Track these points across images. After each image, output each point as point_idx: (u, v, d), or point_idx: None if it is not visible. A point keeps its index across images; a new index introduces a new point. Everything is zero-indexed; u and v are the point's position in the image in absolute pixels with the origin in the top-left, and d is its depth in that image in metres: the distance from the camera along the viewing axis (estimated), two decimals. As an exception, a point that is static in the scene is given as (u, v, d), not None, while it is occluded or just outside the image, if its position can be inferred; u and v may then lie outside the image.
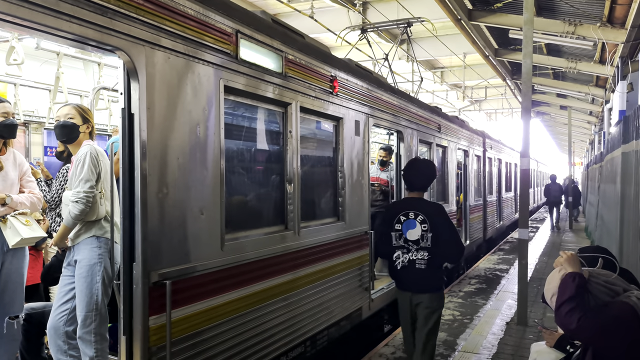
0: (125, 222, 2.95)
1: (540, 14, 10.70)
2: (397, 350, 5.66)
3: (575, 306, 2.30)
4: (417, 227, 4.01)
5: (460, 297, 8.13)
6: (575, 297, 2.32)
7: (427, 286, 4.01)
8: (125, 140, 2.92)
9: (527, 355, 3.36)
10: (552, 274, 2.60)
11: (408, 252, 4.02)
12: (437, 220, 4.01)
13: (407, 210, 4.08)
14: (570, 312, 2.31)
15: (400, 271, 4.08)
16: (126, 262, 2.96)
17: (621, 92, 11.26)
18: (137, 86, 2.91)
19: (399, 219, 4.08)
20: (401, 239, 4.06)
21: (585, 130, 28.43)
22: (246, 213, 4.16)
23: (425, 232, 3.98)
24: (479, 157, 12.71)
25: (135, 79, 2.91)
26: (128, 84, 2.93)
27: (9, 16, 2.31)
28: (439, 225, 3.99)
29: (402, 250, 4.05)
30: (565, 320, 2.33)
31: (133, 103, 2.92)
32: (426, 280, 4.00)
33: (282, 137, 4.44)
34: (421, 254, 3.97)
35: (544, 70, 16.27)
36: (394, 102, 6.77)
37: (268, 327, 4.05)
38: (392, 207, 4.80)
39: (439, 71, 21.43)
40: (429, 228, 3.98)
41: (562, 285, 2.41)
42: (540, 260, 11.65)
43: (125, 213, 2.95)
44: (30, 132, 8.24)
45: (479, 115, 30.40)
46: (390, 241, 4.10)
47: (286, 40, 4.35)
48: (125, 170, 2.93)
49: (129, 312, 2.96)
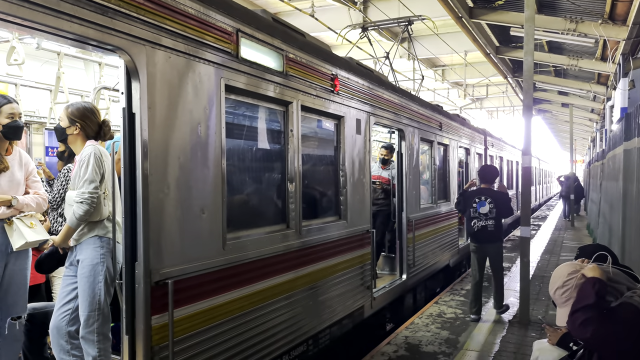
0: (127, 221, 2.95)
1: (541, 11, 10.67)
2: (400, 348, 5.66)
3: (591, 316, 2.23)
4: (486, 206, 6.62)
5: (462, 295, 8.12)
6: (592, 306, 2.25)
7: (494, 239, 6.73)
8: (126, 140, 2.92)
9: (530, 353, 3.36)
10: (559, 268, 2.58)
11: (480, 220, 6.63)
12: (499, 201, 6.66)
13: (480, 195, 6.75)
14: (585, 322, 2.24)
15: (476, 232, 6.69)
16: (128, 262, 2.96)
17: (623, 90, 11.23)
18: (138, 86, 2.91)
19: (474, 200, 6.71)
20: (476, 212, 6.65)
21: (587, 127, 28.36)
22: (248, 212, 4.16)
23: (492, 208, 6.60)
24: (480, 155, 12.70)
25: (136, 79, 2.90)
26: (129, 83, 2.93)
27: (10, 16, 2.30)
28: (500, 204, 6.64)
29: (477, 219, 6.66)
30: (579, 330, 2.27)
31: (134, 103, 2.92)
32: (493, 236, 6.68)
33: (283, 136, 4.43)
34: (490, 222, 6.59)
35: (545, 68, 16.24)
36: (395, 100, 6.76)
37: (270, 326, 4.05)
38: (471, 193, 6.99)
39: (440, 69, 21.40)
40: (494, 206, 6.61)
41: (580, 292, 2.34)
42: (542, 258, 11.63)
43: (127, 213, 2.95)
44: (32, 132, 8.24)
45: (481, 113, 30.36)
46: (469, 214, 6.71)
47: (287, 39, 4.34)
48: (126, 169, 2.93)
49: (131, 312, 2.96)
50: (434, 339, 5.97)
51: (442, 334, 6.18)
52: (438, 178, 8.85)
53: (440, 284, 9.59)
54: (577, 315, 2.28)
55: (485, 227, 6.60)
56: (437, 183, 8.71)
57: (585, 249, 2.94)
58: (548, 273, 9.84)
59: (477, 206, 6.64)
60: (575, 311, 2.30)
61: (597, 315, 2.23)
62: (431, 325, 6.52)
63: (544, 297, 7.78)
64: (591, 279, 2.34)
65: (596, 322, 2.22)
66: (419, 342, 5.88)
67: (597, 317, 2.23)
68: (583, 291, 2.33)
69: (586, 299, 2.28)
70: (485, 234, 6.62)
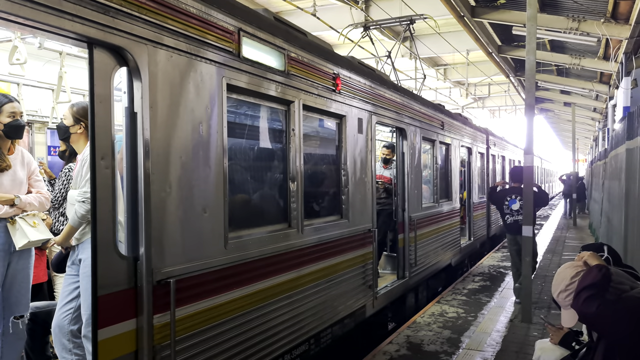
0: (129, 220, 2.95)
1: (543, 10, 10.66)
2: (401, 347, 5.66)
3: (595, 292, 2.26)
4: (517, 203, 7.58)
5: (464, 294, 8.12)
6: (597, 284, 2.28)
7: None
8: (128, 139, 2.92)
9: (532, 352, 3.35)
10: (561, 270, 2.58)
11: (512, 216, 7.67)
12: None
13: (511, 194, 7.76)
14: (589, 298, 2.27)
15: (509, 224, 7.73)
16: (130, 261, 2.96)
17: (625, 89, 11.22)
18: (139, 85, 2.91)
19: (506, 198, 7.76)
20: (508, 209, 7.71)
21: (589, 126, 28.32)
22: (249, 211, 4.16)
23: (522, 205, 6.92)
24: (482, 154, 12.68)
25: (137, 78, 2.90)
26: (130, 82, 2.93)
27: (12, 15, 2.31)
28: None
29: (509, 215, 7.72)
30: (584, 306, 2.29)
31: (136, 102, 2.92)
32: None
33: (285, 135, 4.43)
34: (521, 217, 7.17)
35: (547, 67, 16.22)
36: (397, 99, 6.76)
37: (272, 325, 4.05)
38: (503, 191, 7.97)
39: (442, 68, 21.39)
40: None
41: (586, 273, 2.37)
42: (544, 258, 11.61)
43: (129, 212, 2.95)
44: (34, 131, 8.25)
45: (483, 112, 30.33)
46: (502, 210, 7.80)
47: (288, 38, 4.34)
48: (128, 169, 2.93)
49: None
50: (435, 338, 5.97)
51: (444, 333, 6.18)
52: (440, 177, 8.84)
53: (442, 283, 9.59)
54: (582, 293, 2.31)
55: (517, 221, 7.51)
56: (439, 182, 8.70)
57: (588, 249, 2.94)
58: (550, 272, 9.82)
59: (509, 203, 7.69)
60: (580, 290, 2.33)
61: (602, 293, 2.26)
62: (433, 324, 6.51)
63: (546, 297, 7.77)
64: (598, 265, 2.37)
65: (601, 298, 2.25)
66: (420, 341, 5.88)
67: (602, 295, 2.26)
68: (588, 272, 2.37)
69: (591, 278, 2.31)
70: (516, 227, 7.39)
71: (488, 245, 13.72)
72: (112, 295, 2.77)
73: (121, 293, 2.83)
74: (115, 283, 2.81)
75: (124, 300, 2.85)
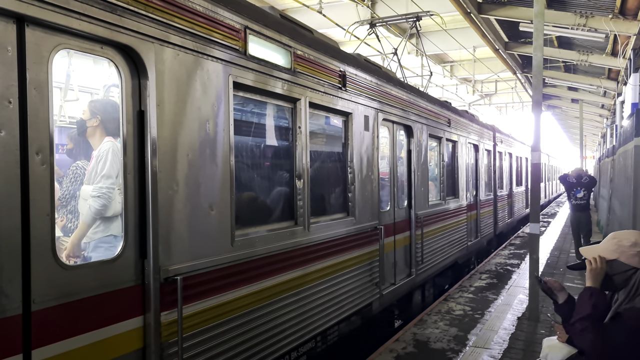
0: (137, 218, 2.96)
1: (551, 6, 10.59)
2: (408, 345, 5.66)
3: (588, 325, 2.28)
4: (581, 193, 10.74)
5: (471, 292, 8.10)
6: (589, 317, 2.29)
7: (585, 209, 10.81)
8: (135, 137, 2.93)
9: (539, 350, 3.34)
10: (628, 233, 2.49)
11: (577, 200, 10.79)
12: (589, 189, 10.89)
13: (577, 186, 10.81)
14: (583, 331, 2.30)
15: (574, 205, 10.91)
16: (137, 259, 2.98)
17: (634, 85, 11.13)
18: (146, 83, 2.92)
19: (573, 189, 10.87)
20: (574, 197, 10.85)
21: (597, 123, 28.14)
22: (256, 209, 4.17)
23: (585, 194, 10.74)
24: (489, 151, 12.63)
25: (145, 76, 2.91)
26: (137, 81, 2.93)
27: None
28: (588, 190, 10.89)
29: (575, 200, 10.85)
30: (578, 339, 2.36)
31: (143, 100, 2.93)
32: (586, 210, 10.81)
33: (291, 133, 4.43)
34: (582, 202, 10.73)
35: (555, 63, 16.11)
36: (404, 97, 6.74)
37: (278, 323, 4.06)
38: (570, 184, 10.99)
39: (449, 65, 21.31)
40: (586, 192, 10.77)
41: (579, 301, 2.40)
42: (551, 255, 11.57)
43: (137, 210, 2.96)
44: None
45: (489, 109, 30.21)
46: (569, 195, 11.05)
47: (295, 36, 4.34)
48: (135, 167, 2.94)
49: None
50: (442, 336, 5.96)
51: (451, 330, 6.17)
52: (447, 175, 8.82)
53: (448, 280, 9.58)
54: (576, 325, 2.35)
55: (579, 204, 10.80)
56: (445, 180, 8.68)
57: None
58: (558, 270, 9.79)
59: (575, 193, 10.85)
60: (574, 322, 2.37)
61: (593, 325, 2.28)
62: (440, 322, 6.51)
63: (554, 294, 7.73)
64: (588, 288, 2.38)
65: (593, 331, 2.26)
66: (427, 338, 5.88)
67: (592, 327, 2.27)
68: (580, 301, 2.39)
69: (584, 309, 2.33)
70: (580, 207, 10.81)
71: (495, 243, 13.68)
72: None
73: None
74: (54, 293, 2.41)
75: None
